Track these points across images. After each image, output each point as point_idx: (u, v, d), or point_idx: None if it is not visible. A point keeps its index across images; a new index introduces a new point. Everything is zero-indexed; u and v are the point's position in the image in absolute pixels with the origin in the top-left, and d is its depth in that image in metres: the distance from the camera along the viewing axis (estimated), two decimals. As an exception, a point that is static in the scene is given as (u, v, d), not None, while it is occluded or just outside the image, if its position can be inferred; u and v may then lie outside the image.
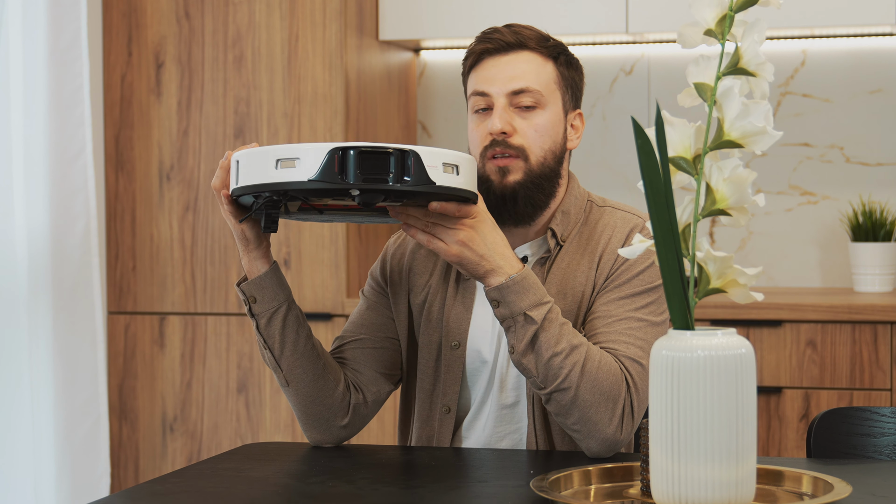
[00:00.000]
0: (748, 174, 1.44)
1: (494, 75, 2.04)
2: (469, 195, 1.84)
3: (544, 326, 1.88)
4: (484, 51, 2.06)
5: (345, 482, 1.75)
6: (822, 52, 3.78)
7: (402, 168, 1.75)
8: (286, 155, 1.75)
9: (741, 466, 1.39)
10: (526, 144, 2.02)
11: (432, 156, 1.78)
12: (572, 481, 1.64)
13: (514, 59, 2.05)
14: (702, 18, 1.46)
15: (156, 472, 3.65)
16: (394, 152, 1.75)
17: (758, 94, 1.46)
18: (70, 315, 3.45)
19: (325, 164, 1.73)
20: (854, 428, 2.10)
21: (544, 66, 2.06)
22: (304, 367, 2.01)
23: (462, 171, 1.82)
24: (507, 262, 1.89)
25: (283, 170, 1.75)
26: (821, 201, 3.79)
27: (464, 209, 1.86)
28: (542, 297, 1.90)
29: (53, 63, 3.40)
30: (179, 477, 1.82)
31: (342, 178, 1.73)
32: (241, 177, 1.81)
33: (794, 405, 3.29)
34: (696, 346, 1.38)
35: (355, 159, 1.73)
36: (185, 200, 3.62)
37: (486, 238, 1.88)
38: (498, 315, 1.90)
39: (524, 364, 1.90)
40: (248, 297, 1.98)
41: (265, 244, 1.96)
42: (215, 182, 1.90)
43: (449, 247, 1.87)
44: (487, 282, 1.89)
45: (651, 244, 1.45)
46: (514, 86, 2.03)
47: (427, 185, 1.76)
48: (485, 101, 2.04)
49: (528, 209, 2.04)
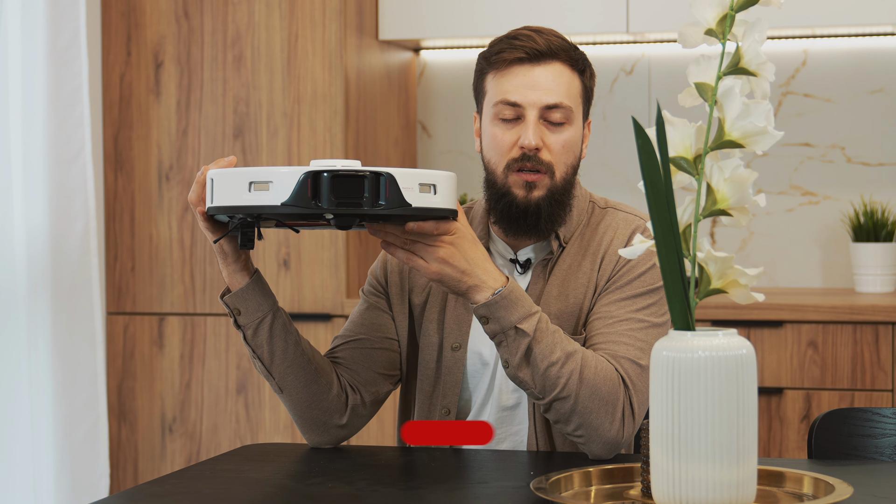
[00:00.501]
0: (749, 174, 1.44)
1: (527, 85, 2.01)
2: (447, 213, 1.83)
3: (537, 338, 1.87)
4: (515, 59, 2.01)
5: (344, 483, 1.75)
6: (823, 52, 3.77)
7: (377, 191, 1.74)
8: (259, 178, 1.74)
9: (742, 467, 1.39)
10: (554, 161, 2.01)
11: (407, 177, 1.76)
12: (573, 482, 1.64)
13: (546, 70, 2.02)
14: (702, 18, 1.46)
15: (155, 474, 3.64)
16: (368, 175, 1.73)
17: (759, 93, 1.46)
18: (69, 316, 3.45)
19: (297, 188, 1.71)
20: (855, 429, 2.10)
21: (573, 80, 2.04)
22: (295, 373, 2.00)
23: (440, 190, 1.81)
24: (490, 277, 1.88)
25: (256, 192, 1.74)
26: (822, 201, 3.79)
27: (442, 227, 1.84)
28: (530, 309, 1.89)
29: (52, 63, 3.40)
30: (179, 478, 1.82)
31: (315, 203, 1.72)
32: (215, 196, 1.80)
33: (795, 406, 3.28)
34: (696, 347, 1.38)
35: (328, 183, 1.72)
36: (185, 201, 3.61)
37: (467, 254, 1.86)
38: (488, 331, 1.89)
39: (520, 377, 1.89)
40: (233, 310, 1.97)
41: (244, 256, 1.95)
42: (191, 196, 1.88)
43: (429, 265, 1.85)
44: (472, 298, 1.88)
45: (652, 244, 1.45)
46: (549, 100, 2.00)
47: (402, 208, 1.75)
48: (514, 111, 2.01)
49: (547, 225, 2.03)
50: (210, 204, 1.81)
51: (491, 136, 2.04)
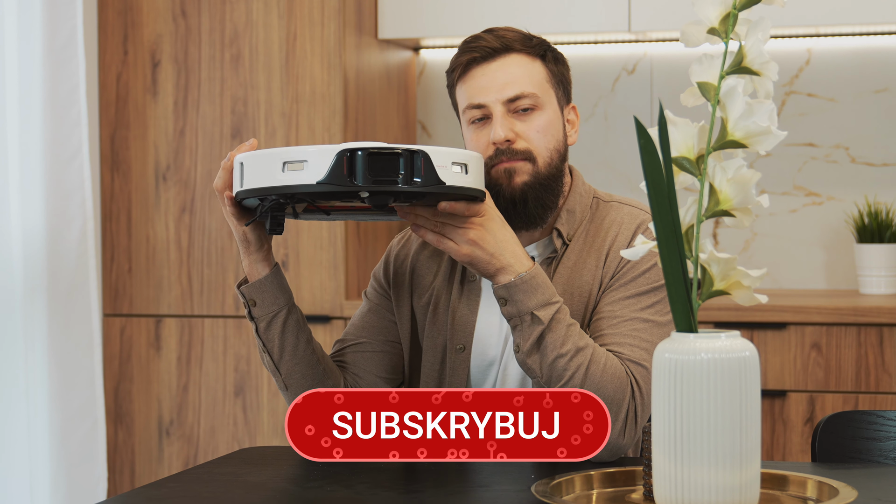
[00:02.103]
0: (752, 175, 1.43)
1: (486, 84, 2.02)
2: (478, 193, 1.84)
3: (551, 327, 1.88)
4: (470, 60, 2.04)
5: (344, 487, 1.74)
6: (827, 51, 3.77)
7: (412, 169, 1.75)
8: (294, 157, 1.74)
9: (745, 471, 1.39)
10: (531, 147, 2.01)
11: (441, 155, 1.77)
12: (574, 486, 1.64)
13: (502, 63, 2.03)
14: (705, 17, 1.46)
15: (152, 477, 3.64)
16: (403, 153, 1.74)
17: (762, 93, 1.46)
18: (66, 317, 3.44)
19: (333, 166, 1.72)
20: (860, 432, 2.09)
21: (533, 65, 2.04)
22: (302, 371, 2.00)
23: (471, 170, 1.82)
24: (517, 260, 1.89)
25: (290, 172, 1.74)
26: (826, 202, 3.78)
27: (473, 208, 1.86)
28: (550, 297, 1.89)
29: (49, 62, 3.39)
30: (176, 482, 1.82)
31: (351, 181, 1.72)
32: (246, 179, 1.79)
33: (798, 409, 3.27)
34: (699, 349, 1.38)
35: (364, 161, 1.72)
36: (182, 201, 3.60)
37: (497, 236, 1.89)
38: (505, 313, 1.90)
39: (528, 364, 1.90)
40: (248, 301, 1.98)
41: (266, 246, 1.96)
42: (217, 183, 1.89)
43: (459, 246, 1.87)
44: (497, 280, 1.89)
45: (654, 245, 1.45)
46: (510, 92, 2.01)
47: (437, 186, 1.76)
48: (481, 111, 2.03)
49: (538, 210, 2.02)
50: (239, 188, 1.81)
51: (468, 142, 2.06)
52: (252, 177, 1.78)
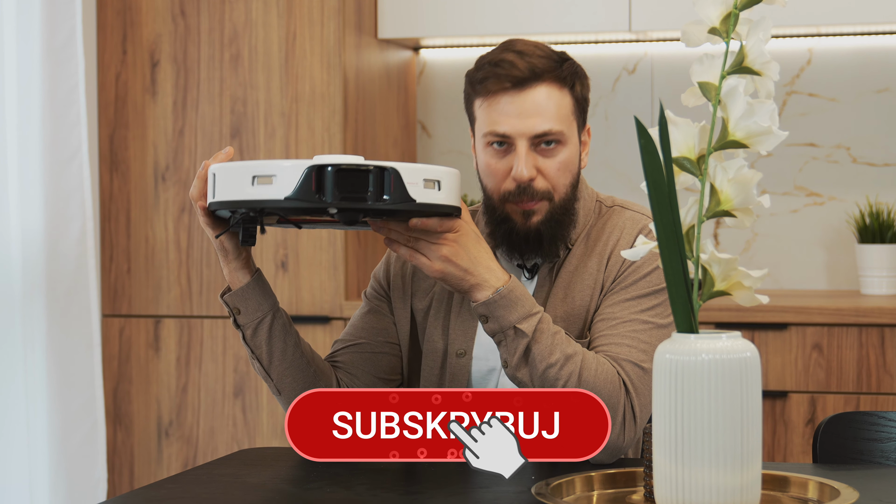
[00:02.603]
0: (753, 175, 1.43)
1: (513, 113, 1.96)
2: (451, 210, 1.82)
3: (536, 338, 1.87)
4: (501, 89, 1.97)
5: (343, 488, 1.74)
6: (828, 51, 3.76)
7: (381, 186, 1.73)
8: (262, 172, 1.73)
9: (746, 472, 1.39)
10: (552, 185, 2.00)
11: (412, 172, 1.75)
12: (574, 487, 1.64)
13: (531, 95, 1.97)
14: (706, 16, 1.46)
15: (151, 478, 3.64)
16: (372, 170, 1.73)
17: (763, 93, 1.46)
18: (65, 318, 3.44)
19: (302, 182, 1.71)
20: (861, 433, 2.09)
21: (563, 99, 1.99)
22: (293, 375, 2.00)
23: (444, 186, 1.80)
24: (492, 275, 1.87)
25: (259, 186, 1.73)
26: (827, 202, 3.78)
27: (446, 224, 1.83)
28: (530, 309, 1.88)
29: (48, 62, 3.39)
30: (175, 483, 1.82)
31: (319, 197, 1.71)
32: (217, 191, 1.79)
33: (799, 409, 3.27)
34: (700, 350, 1.38)
35: (333, 177, 1.71)
36: (181, 202, 3.60)
37: (470, 251, 1.86)
38: (487, 330, 1.89)
39: (519, 378, 1.89)
40: (232, 309, 1.97)
41: (245, 254, 1.94)
42: (193, 192, 1.88)
43: (432, 262, 1.85)
44: (473, 297, 1.87)
45: (654, 246, 1.45)
46: (538, 129, 1.96)
47: (406, 203, 1.74)
48: (504, 140, 1.99)
49: (551, 246, 2.02)
50: (212, 199, 1.81)
51: (485, 164, 2.02)
52: (223, 189, 1.77)
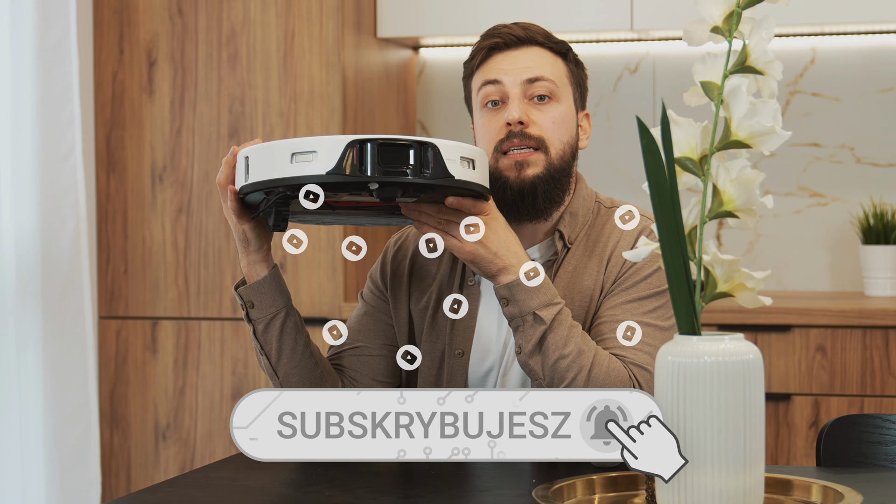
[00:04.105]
0: (756, 175, 1.44)
1: (506, 66, 2.02)
2: (484, 190, 1.84)
3: (553, 327, 1.87)
4: (493, 46, 2.03)
5: (342, 492, 1.73)
6: (832, 50, 3.76)
7: (421, 161, 1.74)
8: (302, 148, 1.73)
9: (749, 475, 1.39)
10: (545, 136, 2.00)
11: (450, 149, 1.77)
12: (575, 490, 1.64)
13: (524, 52, 2.03)
14: (708, 15, 1.46)
15: (148, 481, 3.64)
16: (413, 144, 1.74)
17: (766, 92, 1.46)
18: (59, 320, 3.45)
19: (342, 157, 1.71)
20: (865, 436, 2.09)
21: (555, 61, 2.04)
22: (300, 374, 1.99)
23: (477, 166, 1.82)
24: (519, 261, 1.89)
25: (298, 164, 1.73)
26: (830, 203, 3.77)
27: (479, 205, 1.86)
28: (552, 298, 1.89)
29: (41, 61, 3.40)
30: (172, 486, 1.82)
31: (361, 171, 1.72)
32: (251, 173, 1.78)
33: (803, 412, 3.27)
34: (702, 352, 1.39)
35: (374, 151, 1.72)
36: (178, 202, 3.60)
37: (500, 236, 1.89)
38: (507, 314, 1.90)
39: (530, 365, 1.89)
40: (246, 302, 1.97)
41: (266, 246, 1.95)
42: (220, 178, 1.87)
43: (463, 244, 1.87)
44: (498, 280, 1.89)
45: (656, 247, 1.45)
46: (529, 74, 2.01)
47: (446, 179, 1.76)
48: (497, 90, 2.01)
49: (546, 205, 2.01)
50: (244, 182, 1.80)
51: (480, 127, 2.03)
52: (258, 169, 1.77)
